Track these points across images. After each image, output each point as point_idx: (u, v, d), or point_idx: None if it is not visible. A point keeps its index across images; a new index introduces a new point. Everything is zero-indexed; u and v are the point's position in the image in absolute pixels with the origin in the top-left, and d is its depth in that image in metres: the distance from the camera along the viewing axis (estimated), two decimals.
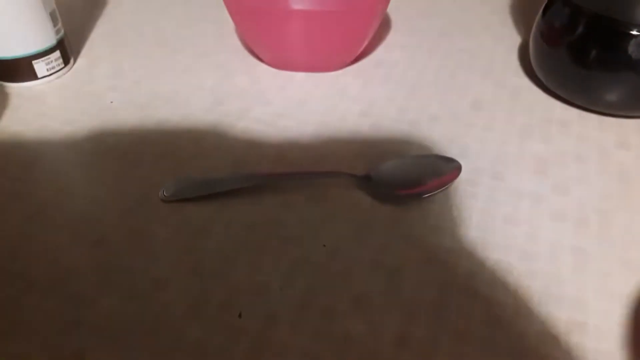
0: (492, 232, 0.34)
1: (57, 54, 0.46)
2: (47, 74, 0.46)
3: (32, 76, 0.45)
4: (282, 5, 0.52)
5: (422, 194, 0.35)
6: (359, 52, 0.48)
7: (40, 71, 0.45)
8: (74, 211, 0.35)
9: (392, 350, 0.28)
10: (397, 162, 0.38)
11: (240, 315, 0.29)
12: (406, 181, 0.36)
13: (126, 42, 0.52)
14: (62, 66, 0.47)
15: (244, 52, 0.51)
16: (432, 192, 0.35)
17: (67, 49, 0.47)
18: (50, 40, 0.45)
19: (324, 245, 0.33)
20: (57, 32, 0.45)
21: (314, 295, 0.30)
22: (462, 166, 0.37)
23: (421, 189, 0.36)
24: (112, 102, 0.44)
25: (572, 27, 0.41)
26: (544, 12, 0.44)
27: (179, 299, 0.30)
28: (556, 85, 0.43)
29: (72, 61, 0.49)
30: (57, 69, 0.46)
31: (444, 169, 0.37)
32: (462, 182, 0.37)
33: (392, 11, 0.56)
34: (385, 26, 0.54)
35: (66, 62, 0.47)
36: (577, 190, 0.36)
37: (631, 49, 0.39)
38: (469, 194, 0.36)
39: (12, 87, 0.46)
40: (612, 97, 0.40)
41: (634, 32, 0.38)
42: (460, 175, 0.37)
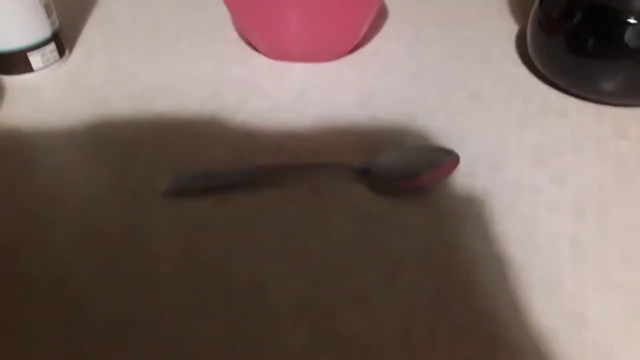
0: (490, 224, 0.34)
1: (52, 46, 0.45)
2: (43, 66, 0.45)
3: (28, 68, 0.45)
4: None
5: (421, 186, 0.35)
6: (356, 42, 0.47)
7: (35, 63, 0.45)
8: (72, 206, 0.35)
9: (393, 345, 0.28)
10: (396, 154, 0.38)
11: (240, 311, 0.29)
12: (405, 173, 0.36)
13: (121, 33, 0.52)
14: (58, 58, 0.46)
15: (240, 42, 0.50)
16: (430, 184, 0.35)
17: (62, 41, 0.47)
18: (45, 32, 0.44)
19: (325, 238, 0.33)
20: (52, 23, 0.45)
21: (315, 290, 0.30)
22: (460, 157, 0.37)
23: (420, 181, 0.36)
24: (108, 95, 0.44)
25: (569, 15, 0.41)
26: (541, 0, 0.44)
27: (179, 296, 0.30)
28: (554, 74, 0.43)
29: (67, 53, 0.48)
30: (52, 60, 0.46)
31: (442, 160, 0.37)
32: (461, 173, 0.37)
33: (388, 1, 0.56)
34: (382, 15, 0.54)
35: (61, 53, 0.47)
36: (575, 180, 0.36)
37: (628, 37, 0.39)
38: (467, 185, 0.36)
39: (8, 79, 0.45)
40: (609, 85, 0.41)
41: (631, 20, 0.38)
42: (458, 166, 0.37)
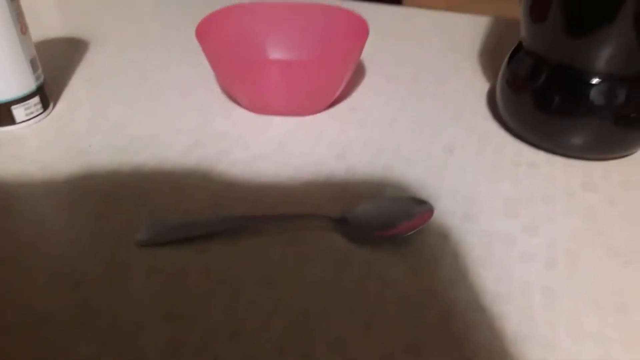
0: (464, 273, 0.34)
1: (36, 99, 0.46)
2: (26, 118, 0.46)
3: (10, 121, 0.46)
4: (260, 55, 0.54)
5: (397, 236, 0.36)
6: (334, 98, 0.49)
7: (18, 116, 0.46)
8: (50, 256, 0.35)
9: None
10: (372, 204, 0.38)
11: None
12: (381, 223, 0.37)
13: (106, 87, 0.53)
14: (41, 111, 0.47)
15: (222, 96, 0.52)
16: (405, 234, 0.36)
17: (46, 94, 0.48)
18: (29, 86, 0.45)
19: (303, 288, 0.33)
20: (37, 78, 0.46)
21: (291, 339, 0.30)
22: (434, 208, 0.38)
23: (395, 231, 0.36)
24: (90, 146, 0.44)
25: (535, 76, 0.43)
26: (509, 61, 0.46)
27: (155, 344, 0.30)
28: (523, 129, 0.45)
29: (51, 106, 0.49)
30: (36, 113, 0.47)
31: (418, 211, 0.38)
32: (436, 224, 0.38)
33: (366, 58, 0.59)
34: (360, 72, 0.56)
35: (45, 106, 0.48)
36: (546, 231, 0.37)
37: (592, 96, 0.41)
38: (441, 236, 0.37)
39: None
40: (576, 141, 0.42)
41: (595, 80, 0.40)
42: (433, 216, 0.38)
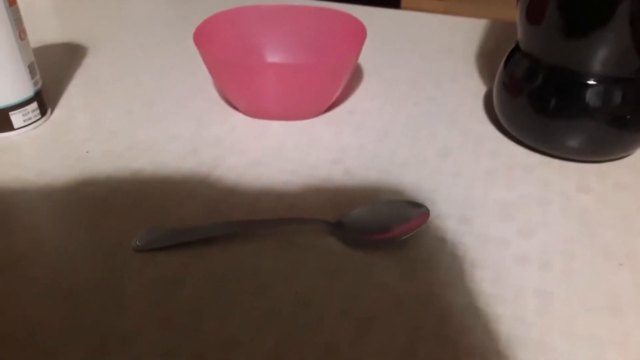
0: (460, 276, 0.34)
1: (34, 105, 0.47)
2: (24, 124, 0.46)
3: (8, 127, 0.46)
4: (257, 59, 0.54)
5: (392, 239, 0.36)
6: (331, 102, 0.49)
7: (16, 122, 0.46)
8: (46, 263, 0.35)
9: None
10: (368, 208, 0.39)
11: None
12: (377, 227, 0.37)
13: (104, 93, 0.53)
14: (39, 117, 0.47)
15: (220, 101, 0.52)
16: (401, 237, 0.36)
17: (44, 100, 0.48)
18: (27, 92, 0.46)
19: (296, 292, 0.33)
20: (35, 84, 0.46)
21: (285, 346, 0.30)
22: (430, 211, 0.39)
23: (391, 234, 0.37)
24: (87, 152, 0.45)
25: (531, 78, 0.43)
26: (505, 63, 0.46)
27: (148, 353, 0.30)
28: (519, 132, 0.45)
29: (49, 112, 0.49)
30: (33, 119, 0.47)
31: (413, 214, 0.38)
32: (432, 227, 0.38)
33: (362, 61, 0.59)
34: (357, 77, 0.56)
35: (43, 112, 0.48)
36: (541, 233, 0.38)
37: (588, 98, 0.41)
38: (437, 239, 0.37)
39: None
40: (571, 143, 0.42)
41: (590, 82, 0.41)
42: (429, 220, 0.38)
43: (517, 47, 0.46)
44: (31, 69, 0.46)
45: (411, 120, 0.49)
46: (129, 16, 0.70)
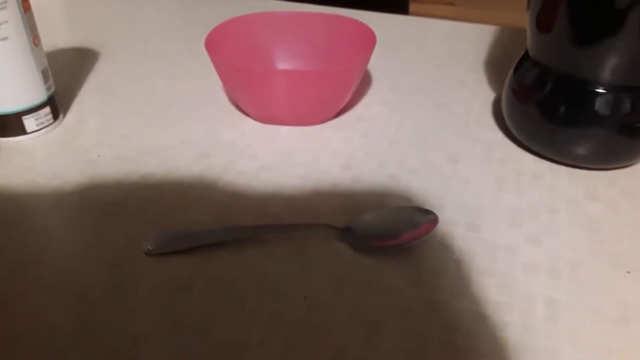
0: (467, 284, 0.35)
1: (47, 110, 0.47)
2: (37, 129, 0.47)
3: (21, 131, 0.46)
4: (267, 65, 0.54)
5: (401, 246, 0.36)
6: (340, 108, 0.50)
7: (29, 126, 0.46)
8: (57, 267, 0.35)
9: None
10: (377, 214, 0.39)
11: None
12: (385, 233, 0.37)
13: (115, 97, 0.54)
14: (52, 121, 0.48)
15: (230, 107, 0.52)
16: (410, 244, 0.36)
17: (57, 105, 0.49)
18: (40, 96, 0.46)
19: (305, 297, 0.33)
20: (48, 88, 0.47)
21: (294, 350, 0.31)
22: (439, 218, 0.39)
23: (400, 241, 0.37)
24: (99, 157, 0.45)
25: (541, 85, 0.43)
26: (515, 71, 0.46)
27: (158, 356, 0.30)
28: (528, 139, 0.45)
29: (61, 116, 0.50)
30: (46, 124, 0.48)
31: (422, 221, 0.38)
32: (440, 234, 0.38)
33: (372, 68, 0.59)
34: (366, 82, 0.56)
35: (55, 117, 0.49)
36: (549, 241, 0.38)
37: (597, 105, 0.41)
38: (445, 245, 0.37)
39: (0, 141, 0.47)
40: (581, 151, 0.42)
41: (600, 90, 0.41)
42: (437, 226, 0.38)
43: (526, 55, 0.46)
44: (44, 74, 0.46)
45: (420, 126, 0.50)
46: (140, 21, 0.70)
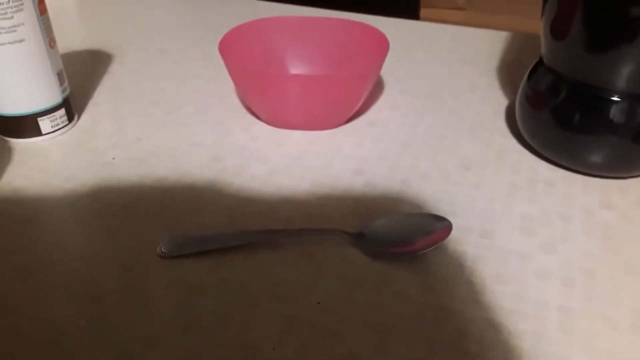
0: (481, 291, 0.34)
1: (62, 112, 0.48)
2: (51, 130, 0.47)
3: (37, 132, 0.47)
4: (280, 70, 0.55)
5: (414, 252, 0.36)
6: (353, 113, 0.50)
7: (44, 128, 0.47)
8: (70, 268, 0.36)
9: None
10: (390, 220, 0.39)
11: None
12: (398, 239, 0.37)
13: (129, 99, 0.54)
14: (66, 123, 0.48)
15: (242, 110, 0.52)
16: (423, 250, 0.36)
17: (71, 107, 0.49)
18: (56, 98, 0.47)
19: (318, 302, 0.34)
20: (63, 90, 0.47)
21: (306, 354, 0.31)
22: (452, 224, 0.39)
23: (413, 247, 0.37)
24: (113, 159, 0.45)
25: (555, 93, 0.43)
26: (529, 77, 0.46)
27: (171, 358, 0.30)
28: (541, 146, 0.45)
29: (76, 118, 0.50)
30: (61, 125, 0.48)
31: (435, 228, 0.38)
32: (452, 240, 0.38)
33: (384, 73, 0.59)
34: (378, 87, 0.56)
35: (70, 119, 0.49)
36: (563, 249, 0.37)
37: (612, 114, 0.41)
38: (459, 252, 0.37)
39: (16, 142, 0.47)
40: (595, 159, 0.42)
41: (615, 98, 0.40)
42: (450, 233, 0.38)
43: (540, 62, 0.46)
44: (60, 76, 0.47)
45: (432, 131, 0.50)
46: (154, 23, 0.71)
